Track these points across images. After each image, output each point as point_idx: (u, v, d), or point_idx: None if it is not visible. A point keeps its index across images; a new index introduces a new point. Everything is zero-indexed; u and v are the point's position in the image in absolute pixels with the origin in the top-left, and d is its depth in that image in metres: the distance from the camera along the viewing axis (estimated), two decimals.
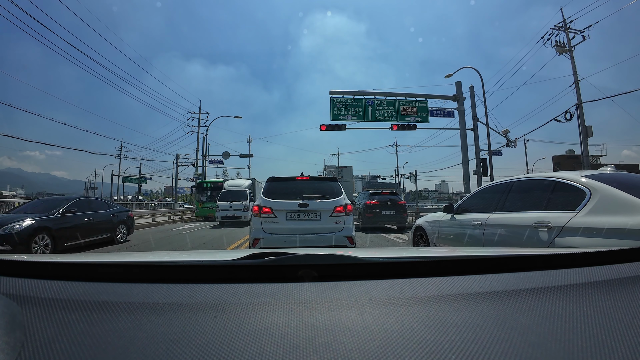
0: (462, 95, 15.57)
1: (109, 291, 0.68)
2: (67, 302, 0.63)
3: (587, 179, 2.67)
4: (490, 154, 15.05)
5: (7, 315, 0.52)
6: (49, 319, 0.57)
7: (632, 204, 2.28)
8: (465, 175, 15.53)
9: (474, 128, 15.45)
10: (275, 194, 4.84)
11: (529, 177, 3.63)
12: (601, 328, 0.55)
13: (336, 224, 4.70)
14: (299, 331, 0.54)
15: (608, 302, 0.64)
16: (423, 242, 4.91)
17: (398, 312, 0.60)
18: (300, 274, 0.79)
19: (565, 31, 15.35)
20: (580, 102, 14.50)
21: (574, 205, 2.61)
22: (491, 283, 0.72)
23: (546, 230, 2.67)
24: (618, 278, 0.75)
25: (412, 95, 15.74)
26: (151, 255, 1.21)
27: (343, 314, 0.60)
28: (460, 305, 0.62)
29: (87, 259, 0.99)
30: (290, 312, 0.60)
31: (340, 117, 15.26)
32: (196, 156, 26.56)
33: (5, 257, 0.84)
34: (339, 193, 4.96)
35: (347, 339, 0.51)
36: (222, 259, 1.01)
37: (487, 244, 3.33)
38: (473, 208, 3.98)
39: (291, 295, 0.67)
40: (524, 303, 0.63)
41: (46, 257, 0.91)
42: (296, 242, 4.48)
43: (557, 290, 0.68)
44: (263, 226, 4.61)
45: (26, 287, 0.68)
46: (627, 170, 4.26)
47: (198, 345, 0.50)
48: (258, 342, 0.51)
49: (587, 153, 14.78)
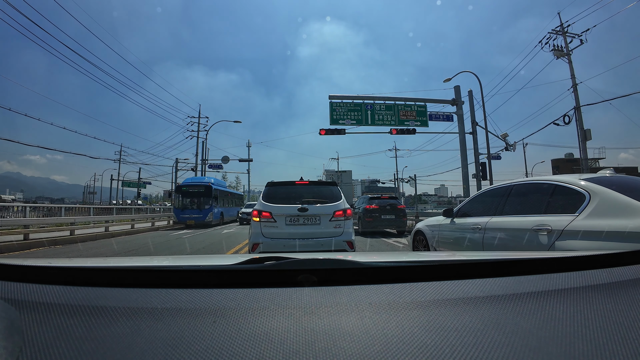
0: (461, 100, 15.65)
1: (107, 296, 0.67)
2: (65, 306, 0.62)
3: (586, 182, 2.68)
4: (489, 158, 15.08)
5: (6, 320, 0.52)
6: (47, 323, 0.56)
7: (631, 207, 2.29)
8: (464, 179, 15.55)
9: (473, 132, 15.51)
10: (274, 198, 4.84)
11: (528, 181, 3.63)
12: (602, 331, 0.54)
13: (336, 229, 4.69)
14: (298, 336, 0.54)
15: (609, 305, 0.64)
16: (423, 246, 4.90)
17: (398, 316, 0.60)
18: (300, 278, 0.79)
19: (562, 35, 15.47)
20: (579, 106, 14.57)
21: (573, 208, 2.61)
22: (491, 287, 0.72)
23: (546, 233, 2.67)
24: (619, 281, 0.75)
25: (411, 100, 15.80)
26: (150, 260, 1.21)
27: (343, 318, 0.59)
28: (461, 310, 0.62)
29: (85, 264, 0.99)
30: (289, 317, 0.60)
31: (339, 122, 15.30)
32: (196, 160, 26.57)
33: (3, 262, 0.84)
34: (339, 197, 4.95)
35: (347, 344, 0.51)
36: (221, 264, 1.01)
37: (487, 247, 3.33)
38: (473, 212, 3.98)
39: (291, 300, 0.67)
40: (524, 307, 0.63)
41: (45, 261, 0.90)
42: (296, 247, 4.47)
43: (557, 294, 0.68)
44: (262, 230, 4.60)
45: (24, 291, 0.68)
46: (626, 173, 4.26)
47: (197, 351, 0.50)
48: (257, 348, 0.51)
49: (586, 156, 14.82)
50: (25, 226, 10.54)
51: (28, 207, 12.83)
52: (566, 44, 15.47)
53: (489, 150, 15.07)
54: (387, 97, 15.82)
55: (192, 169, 26.42)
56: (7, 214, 11.97)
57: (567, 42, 15.45)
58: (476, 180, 15.04)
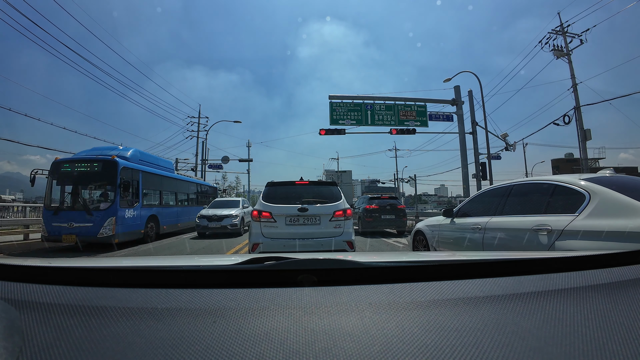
0: (461, 100, 15.63)
1: (107, 296, 0.67)
2: (65, 307, 0.62)
3: (586, 182, 2.68)
4: (489, 158, 15.08)
5: (6, 320, 0.52)
6: (47, 323, 0.56)
7: (631, 207, 2.29)
8: (464, 179, 15.54)
9: (473, 132, 15.50)
10: (274, 198, 4.84)
11: (528, 181, 3.63)
12: (602, 331, 0.54)
13: (336, 229, 4.69)
14: (298, 336, 0.54)
15: (609, 305, 0.64)
16: (423, 246, 4.90)
17: (398, 316, 0.60)
18: (300, 278, 0.79)
19: (562, 35, 15.46)
20: (579, 106, 14.56)
21: (573, 208, 2.61)
22: (491, 287, 0.72)
23: (546, 233, 2.67)
24: (618, 281, 0.75)
25: (411, 100, 15.79)
26: (150, 260, 1.21)
27: (343, 318, 0.59)
28: (461, 310, 0.62)
29: (85, 264, 0.99)
30: (289, 317, 0.60)
31: (339, 122, 15.29)
32: (195, 160, 26.56)
33: (3, 262, 0.84)
34: (339, 197, 4.96)
35: (347, 344, 0.51)
36: (221, 264, 1.01)
37: (487, 247, 3.33)
38: (472, 212, 3.98)
39: (291, 300, 0.67)
40: (524, 307, 0.63)
41: (45, 261, 0.90)
42: (296, 247, 4.47)
43: (557, 294, 0.68)
44: (262, 231, 4.60)
45: (25, 291, 0.68)
46: (626, 173, 4.27)
47: (197, 351, 0.50)
48: (257, 348, 0.51)
49: (586, 156, 14.81)
50: (26, 226, 10.54)
51: (28, 207, 12.85)
52: (566, 44, 15.47)
53: (489, 150, 15.07)
54: (387, 97, 15.81)
55: (192, 169, 26.42)
56: (7, 214, 11.98)
57: (567, 42, 15.45)
58: (476, 180, 15.03)
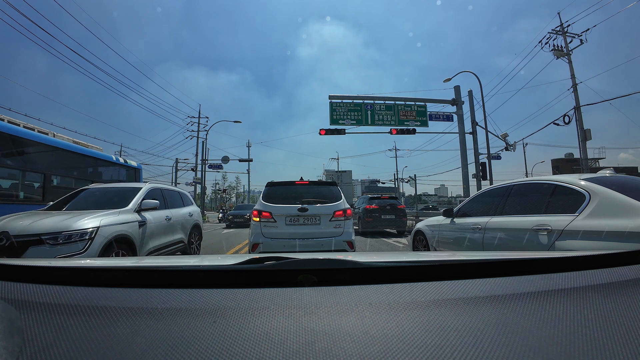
0: (461, 100, 15.63)
1: (107, 296, 0.67)
2: (65, 307, 0.62)
3: (586, 182, 2.68)
4: (489, 158, 15.08)
5: (6, 320, 0.52)
6: (47, 323, 0.56)
7: (631, 207, 2.29)
8: (464, 179, 15.54)
9: (473, 132, 15.50)
10: (274, 198, 4.84)
11: (528, 181, 3.63)
12: (602, 331, 0.54)
13: (336, 229, 4.69)
14: (298, 336, 0.54)
15: (609, 305, 0.64)
16: (423, 246, 4.90)
17: (398, 316, 0.60)
18: (300, 278, 0.78)
19: (562, 35, 15.46)
20: (579, 106, 14.56)
21: (573, 208, 2.61)
22: (491, 287, 0.72)
23: (546, 233, 2.67)
24: (619, 281, 0.75)
25: (411, 100, 15.79)
26: (150, 260, 1.21)
27: (343, 319, 0.59)
28: (461, 310, 0.62)
29: (85, 264, 0.99)
30: (289, 317, 0.60)
31: (339, 122, 15.29)
32: (195, 160, 26.57)
33: (3, 262, 0.84)
34: (339, 197, 4.95)
35: (347, 344, 0.51)
36: (221, 264, 1.01)
37: (487, 247, 3.33)
38: (473, 212, 3.98)
39: (291, 300, 0.67)
40: (524, 307, 0.63)
41: (45, 261, 0.90)
42: (296, 247, 4.47)
43: (557, 294, 0.68)
44: (262, 231, 4.60)
45: (25, 291, 0.68)
46: (626, 173, 4.27)
47: (197, 351, 0.50)
48: (257, 348, 0.51)
49: (586, 156, 14.81)
50: None
51: None
52: (566, 44, 15.47)
53: (489, 150, 15.07)
54: (387, 97, 15.81)
55: (192, 169, 26.42)
56: None
57: (567, 42, 15.45)
58: (476, 180, 15.03)
